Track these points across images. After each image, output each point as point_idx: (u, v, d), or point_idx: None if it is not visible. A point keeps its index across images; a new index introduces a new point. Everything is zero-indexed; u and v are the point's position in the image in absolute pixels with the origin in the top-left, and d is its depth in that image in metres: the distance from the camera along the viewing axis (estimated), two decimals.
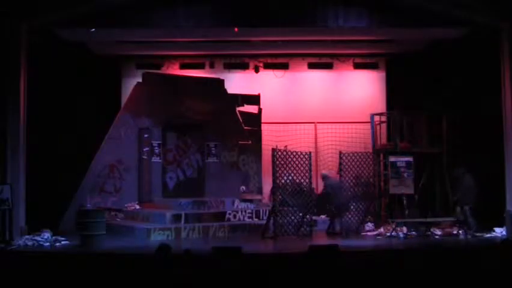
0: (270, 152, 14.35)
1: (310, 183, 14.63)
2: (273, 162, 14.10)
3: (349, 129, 17.58)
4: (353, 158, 15.25)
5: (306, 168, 14.50)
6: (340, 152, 15.33)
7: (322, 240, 13.79)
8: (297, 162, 14.42)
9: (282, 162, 14.22)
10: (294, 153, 14.54)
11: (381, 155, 15.99)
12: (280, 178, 14.15)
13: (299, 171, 14.41)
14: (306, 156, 14.63)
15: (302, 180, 14.43)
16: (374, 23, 14.39)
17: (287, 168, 14.28)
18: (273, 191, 14.61)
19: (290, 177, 14.35)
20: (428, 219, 14.48)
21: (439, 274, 9.59)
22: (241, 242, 12.40)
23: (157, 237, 13.43)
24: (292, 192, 14.20)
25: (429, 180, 15.90)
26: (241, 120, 17.59)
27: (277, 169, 14.09)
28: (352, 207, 14.90)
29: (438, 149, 15.84)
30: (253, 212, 15.51)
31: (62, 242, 12.84)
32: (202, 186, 16.98)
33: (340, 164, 15.13)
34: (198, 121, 16.90)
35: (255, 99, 17.78)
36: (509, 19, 13.91)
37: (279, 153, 14.25)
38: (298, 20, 14.28)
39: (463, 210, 14.02)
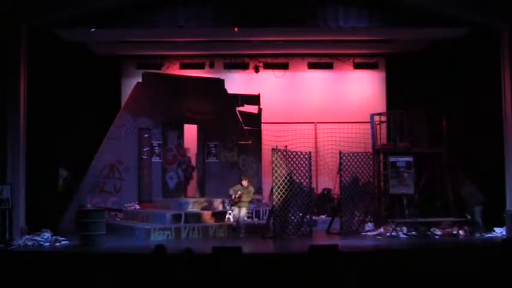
0: (270, 152, 14.35)
1: (310, 183, 14.65)
2: (273, 162, 14.11)
3: (349, 129, 17.56)
4: (353, 158, 15.25)
5: (306, 168, 14.50)
6: (340, 152, 15.34)
7: (322, 240, 13.80)
8: (297, 162, 14.42)
9: (282, 162, 14.22)
10: (294, 153, 14.54)
11: (381, 155, 15.98)
12: (280, 178, 14.16)
13: (299, 171, 14.42)
14: (306, 156, 14.63)
15: (302, 180, 14.43)
16: (374, 23, 14.35)
17: (287, 168, 14.28)
18: (272, 191, 14.61)
19: (290, 178, 14.34)
20: (428, 219, 14.48)
21: (439, 274, 9.59)
22: (241, 242, 12.39)
23: (157, 237, 13.43)
24: (293, 192, 14.20)
25: (429, 180, 15.88)
26: (241, 120, 17.60)
27: (277, 169, 14.10)
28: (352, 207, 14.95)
29: (438, 149, 15.83)
30: (253, 212, 15.51)
31: (62, 242, 12.83)
32: (202, 186, 16.99)
33: (340, 164, 15.14)
34: (198, 121, 16.90)
35: (255, 99, 17.78)
36: (509, 19, 13.89)
37: (279, 153, 14.25)
38: (298, 20, 14.25)
39: (471, 212, 14.12)
